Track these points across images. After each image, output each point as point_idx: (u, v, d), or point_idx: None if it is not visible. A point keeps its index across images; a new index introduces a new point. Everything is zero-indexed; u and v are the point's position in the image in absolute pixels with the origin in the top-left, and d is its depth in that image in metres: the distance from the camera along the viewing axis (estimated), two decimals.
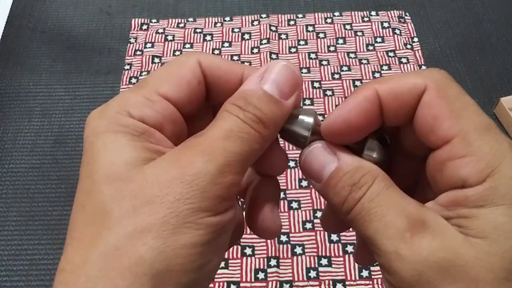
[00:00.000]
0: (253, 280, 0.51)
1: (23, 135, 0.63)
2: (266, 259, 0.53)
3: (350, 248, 0.53)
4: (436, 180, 0.20)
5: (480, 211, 0.18)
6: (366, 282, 0.51)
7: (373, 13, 0.75)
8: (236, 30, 0.73)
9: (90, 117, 0.21)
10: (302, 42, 0.72)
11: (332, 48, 0.71)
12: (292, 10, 0.76)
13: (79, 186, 0.20)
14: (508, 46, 0.71)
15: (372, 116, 0.21)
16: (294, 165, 0.59)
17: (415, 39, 0.72)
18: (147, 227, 0.18)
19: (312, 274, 0.52)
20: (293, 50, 0.71)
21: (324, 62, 0.69)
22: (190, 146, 0.20)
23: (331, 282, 0.51)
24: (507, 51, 0.70)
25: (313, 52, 0.71)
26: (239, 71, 0.23)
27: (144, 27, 0.74)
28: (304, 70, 0.69)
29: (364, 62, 0.69)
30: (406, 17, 0.74)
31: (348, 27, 0.73)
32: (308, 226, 0.55)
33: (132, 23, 0.74)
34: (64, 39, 0.73)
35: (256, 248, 0.53)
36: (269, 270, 0.52)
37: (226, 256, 0.53)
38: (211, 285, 0.51)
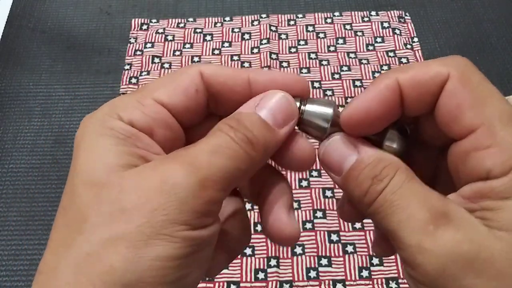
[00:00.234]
0: (253, 280, 0.51)
1: (23, 135, 0.63)
2: (266, 259, 0.53)
3: (350, 248, 0.53)
4: (459, 172, 0.20)
5: (506, 203, 0.18)
6: (366, 282, 0.51)
7: (373, 13, 0.75)
8: (236, 30, 0.73)
9: (83, 120, 0.21)
10: (302, 42, 0.72)
11: (332, 48, 0.71)
12: (292, 10, 0.76)
13: (64, 189, 0.19)
14: (508, 46, 0.71)
15: (393, 106, 0.21)
16: None
17: (415, 39, 0.72)
18: (121, 235, 0.17)
19: (312, 274, 0.52)
20: (293, 50, 0.71)
21: (324, 62, 0.69)
22: (176, 156, 0.19)
23: (331, 282, 0.51)
24: (507, 51, 0.70)
25: (313, 52, 0.71)
26: (245, 75, 0.23)
27: (144, 27, 0.74)
28: (304, 70, 0.69)
29: (364, 62, 0.69)
30: (406, 17, 0.74)
31: (348, 27, 0.73)
32: (308, 226, 0.55)
33: (132, 23, 0.74)
34: (64, 39, 0.73)
35: (256, 248, 0.53)
36: (269, 270, 0.52)
37: None
38: (211, 285, 0.51)
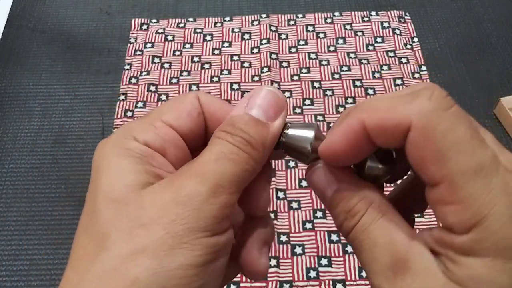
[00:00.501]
0: (253, 280, 0.51)
1: (23, 135, 0.63)
2: None
3: (350, 248, 0.53)
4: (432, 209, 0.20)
5: (465, 260, 0.18)
6: (366, 282, 0.51)
7: (373, 13, 0.75)
8: (236, 30, 0.73)
9: (98, 144, 0.22)
10: (302, 42, 0.72)
11: (332, 48, 0.71)
12: (292, 10, 0.76)
13: (84, 209, 0.20)
14: (508, 46, 0.71)
15: (363, 145, 0.20)
16: (294, 165, 0.59)
17: (415, 39, 0.72)
18: (143, 248, 0.18)
19: (312, 274, 0.52)
20: (293, 50, 0.71)
21: (324, 62, 0.69)
22: (184, 171, 0.20)
23: (331, 282, 0.51)
24: (507, 51, 0.70)
25: (313, 52, 0.71)
26: (229, 110, 0.24)
27: (144, 27, 0.74)
28: (304, 70, 0.69)
29: (364, 62, 0.69)
30: (406, 17, 0.74)
31: (348, 27, 0.73)
32: (308, 226, 0.55)
33: (132, 23, 0.74)
34: (64, 39, 0.73)
35: None
36: (269, 270, 0.52)
37: None
38: None
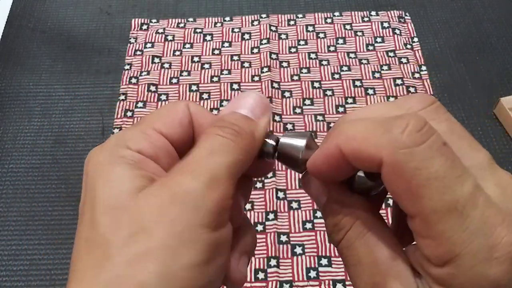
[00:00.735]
0: (253, 280, 0.51)
1: (23, 135, 0.63)
2: (266, 259, 0.53)
3: None
4: None
5: None
6: None
7: (373, 13, 0.75)
8: (236, 30, 0.73)
9: (90, 153, 0.22)
10: (302, 42, 0.72)
11: (332, 48, 0.71)
12: (292, 10, 0.76)
13: (80, 220, 0.20)
14: (508, 46, 0.71)
15: (343, 167, 0.20)
16: None
17: (415, 39, 0.72)
18: (146, 252, 0.18)
19: (312, 274, 0.52)
20: (293, 50, 0.71)
21: (324, 62, 0.69)
22: (177, 169, 0.20)
23: (331, 282, 0.51)
24: (507, 51, 0.70)
25: (313, 52, 0.71)
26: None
27: (144, 27, 0.74)
28: (304, 70, 0.69)
29: (364, 62, 0.69)
30: (406, 17, 0.74)
31: (348, 27, 0.73)
32: (308, 226, 0.55)
33: (132, 23, 0.74)
34: (64, 39, 0.73)
35: (256, 248, 0.53)
36: (269, 270, 0.52)
37: None
38: None
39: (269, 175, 0.58)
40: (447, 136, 0.18)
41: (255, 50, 0.71)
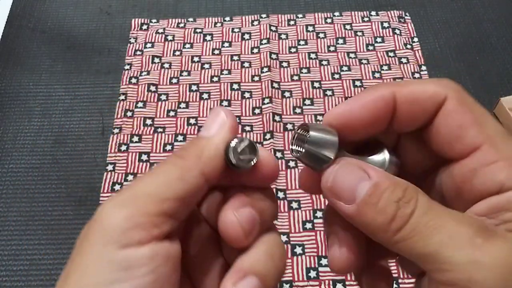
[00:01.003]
0: None
1: (23, 135, 0.63)
2: None
3: None
4: (464, 191, 0.20)
5: None
6: None
7: (373, 13, 0.75)
8: (236, 30, 0.73)
9: (85, 228, 0.20)
10: (302, 42, 0.72)
11: (332, 48, 0.71)
12: (292, 10, 0.76)
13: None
14: (508, 46, 0.71)
15: (383, 117, 0.21)
16: (294, 165, 0.59)
17: (415, 39, 0.72)
18: None
19: (312, 274, 0.52)
20: (293, 50, 0.71)
21: (324, 62, 0.69)
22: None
23: (331, 282, 0.51)
24: (507, 51, 0.70)
25: (313, 52, 0.71)
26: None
27: (144, 27, 0.74)
28: (304, 70, 0.69)
29: (364, 62, 0.69)
30: (406, 17, 0.74)
31: (348, 27, 0.73)
32: (308, 226, 0.55)
33: (132, 23, 0.74)
34: (64, 39, 0.73)
35: None
36: None
37: None
38: None
39: None
40: None
41: (255, 50, 0.71)
